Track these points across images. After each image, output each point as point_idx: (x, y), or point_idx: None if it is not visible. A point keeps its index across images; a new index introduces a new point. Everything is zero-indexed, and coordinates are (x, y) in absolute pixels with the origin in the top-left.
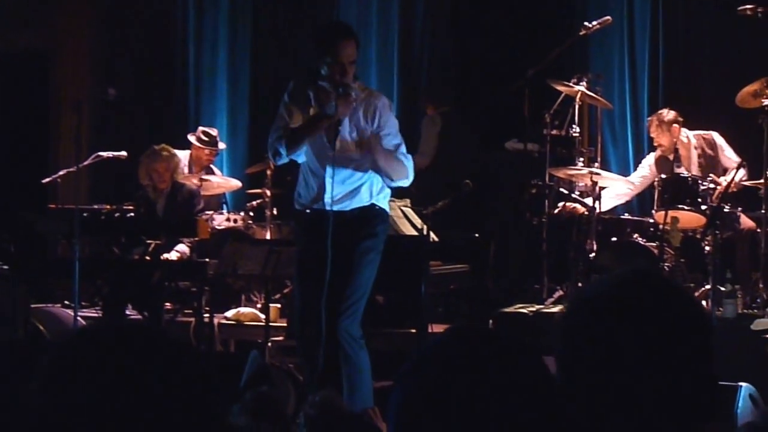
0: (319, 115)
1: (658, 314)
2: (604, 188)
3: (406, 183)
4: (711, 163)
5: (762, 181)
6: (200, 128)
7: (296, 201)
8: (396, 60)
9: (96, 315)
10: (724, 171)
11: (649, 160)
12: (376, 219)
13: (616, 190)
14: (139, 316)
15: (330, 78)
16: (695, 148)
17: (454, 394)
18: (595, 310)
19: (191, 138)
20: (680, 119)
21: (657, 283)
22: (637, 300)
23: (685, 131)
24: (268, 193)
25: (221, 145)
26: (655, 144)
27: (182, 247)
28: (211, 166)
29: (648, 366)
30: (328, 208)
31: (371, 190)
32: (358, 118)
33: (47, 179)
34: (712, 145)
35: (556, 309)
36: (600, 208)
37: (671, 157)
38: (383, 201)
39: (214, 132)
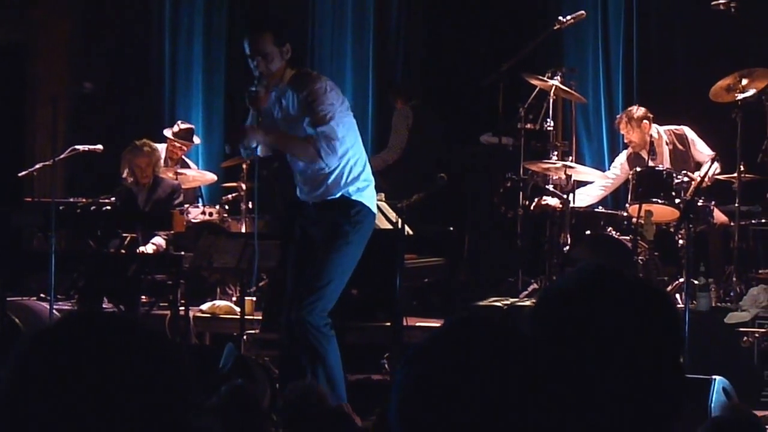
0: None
1: (628, 305)
2: (578, 182)
3: (311, 161)
4: (683, 158)
5: (735, 174)
6: (178, 122)
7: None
8: (371, 55)
9: (72, 308)
10: (697, 165)
11: (621, 158)
12: (341, 209)
13: (588, 191)
14: (115, 309)
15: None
16: (666, 143)
17: (458, 383)
18: (564, 303)
19: (167, 132)
20: (650, 115)
21: (626, 275)
22: (606, 292)
23: (655, 127)
24: (244, 186)
25: (196, 140)
26: (626, 141)
27: (158, 240)
28: (186, 159)
29: (616, 358)
30: (304, 198)
31: (339, 182)
32: (288, 109)
33: (23, 172)
34: (683, 139)
35: (530, 302)
36: (573, 203)
37: (644, 153)
38: (357, 192)
39: (185, 126)
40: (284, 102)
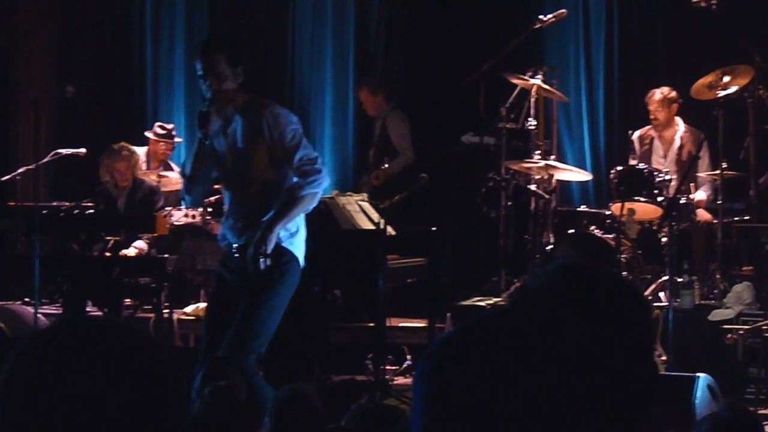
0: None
1: (595, 304)
2: (561, 181)
3: (316, 198)
4: (690, 160)
5: (717, 172)
6: (156, 123)
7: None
8: (351, 56)
9: (56, 312)
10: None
11: (634, 137)
12: (273, 262)
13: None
14: (99, 313)
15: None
16: (680, 137)
17: (491, 376)
18: (533, 301)
19: (148, 134)
20: (680, 101)
21: (593, 273)
22: (573, 289)
23: (678, 118)
24: None
25: (177, 139)
26: (652, 117)
27: (140, 244)
28: (169, 162)
29: (587, 358)
30: (233, 241)
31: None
32: (234, 137)
33: (6, 177)
34: (700, 144)
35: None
36: (556, 202)
37: (657, 138)
38: (288, 239)
39: (169, 126)
40: (229, 130)
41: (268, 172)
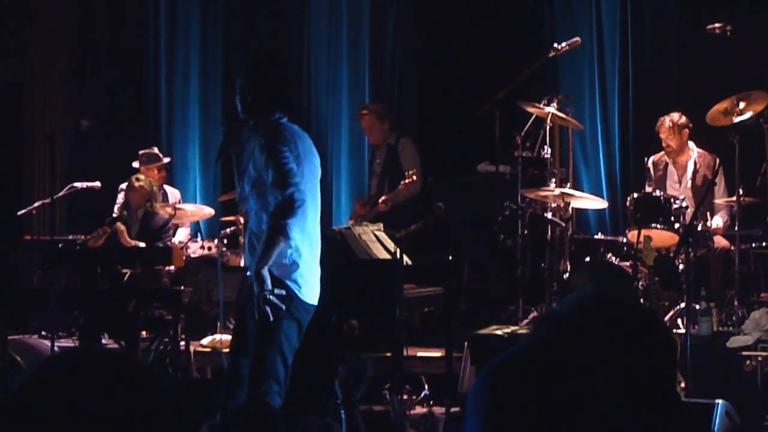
0: None
1: (621, 332)
2: (577, 209)
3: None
4: (705, 184)
5: (734, 198)
6: (139, 152)
7: None
8: (367, 87)
9: (73, 345)
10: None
11: (648, 164)
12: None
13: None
14: (116, 345)
15: None
16: (694, 162)
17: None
18: (559, 329)
19: (135, 165)
20: (691, 125)
21: (622, 302)
22: (601, 319)
23: (690, 143)
24: (242, 220)
25: (165, 159)
26: (664, 145)
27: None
28: (172, 190)
29: (611, 388)
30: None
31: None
32: (247, 156)
33: (22, 211)
34: (715, 169)
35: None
36: (573, 229)
37: (671, 163)
38: (288, 276)
39: (150, 151)
40: (248, 150)
41: (272, 195)
